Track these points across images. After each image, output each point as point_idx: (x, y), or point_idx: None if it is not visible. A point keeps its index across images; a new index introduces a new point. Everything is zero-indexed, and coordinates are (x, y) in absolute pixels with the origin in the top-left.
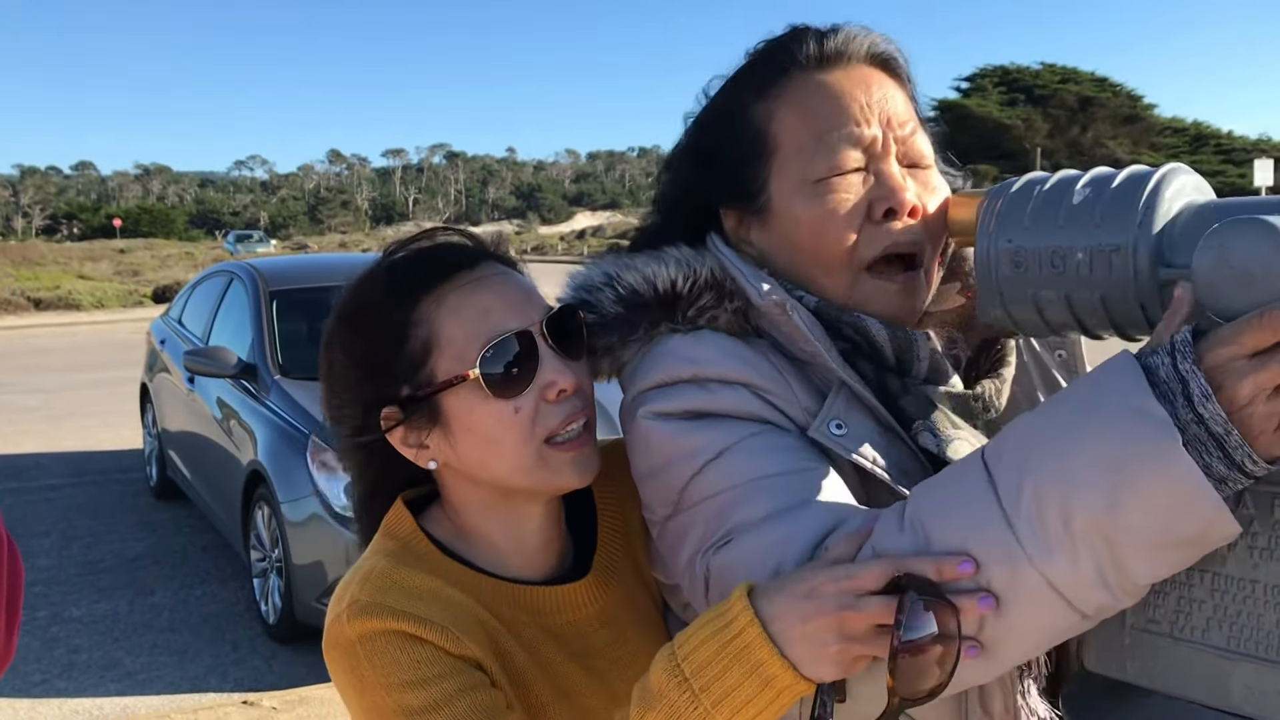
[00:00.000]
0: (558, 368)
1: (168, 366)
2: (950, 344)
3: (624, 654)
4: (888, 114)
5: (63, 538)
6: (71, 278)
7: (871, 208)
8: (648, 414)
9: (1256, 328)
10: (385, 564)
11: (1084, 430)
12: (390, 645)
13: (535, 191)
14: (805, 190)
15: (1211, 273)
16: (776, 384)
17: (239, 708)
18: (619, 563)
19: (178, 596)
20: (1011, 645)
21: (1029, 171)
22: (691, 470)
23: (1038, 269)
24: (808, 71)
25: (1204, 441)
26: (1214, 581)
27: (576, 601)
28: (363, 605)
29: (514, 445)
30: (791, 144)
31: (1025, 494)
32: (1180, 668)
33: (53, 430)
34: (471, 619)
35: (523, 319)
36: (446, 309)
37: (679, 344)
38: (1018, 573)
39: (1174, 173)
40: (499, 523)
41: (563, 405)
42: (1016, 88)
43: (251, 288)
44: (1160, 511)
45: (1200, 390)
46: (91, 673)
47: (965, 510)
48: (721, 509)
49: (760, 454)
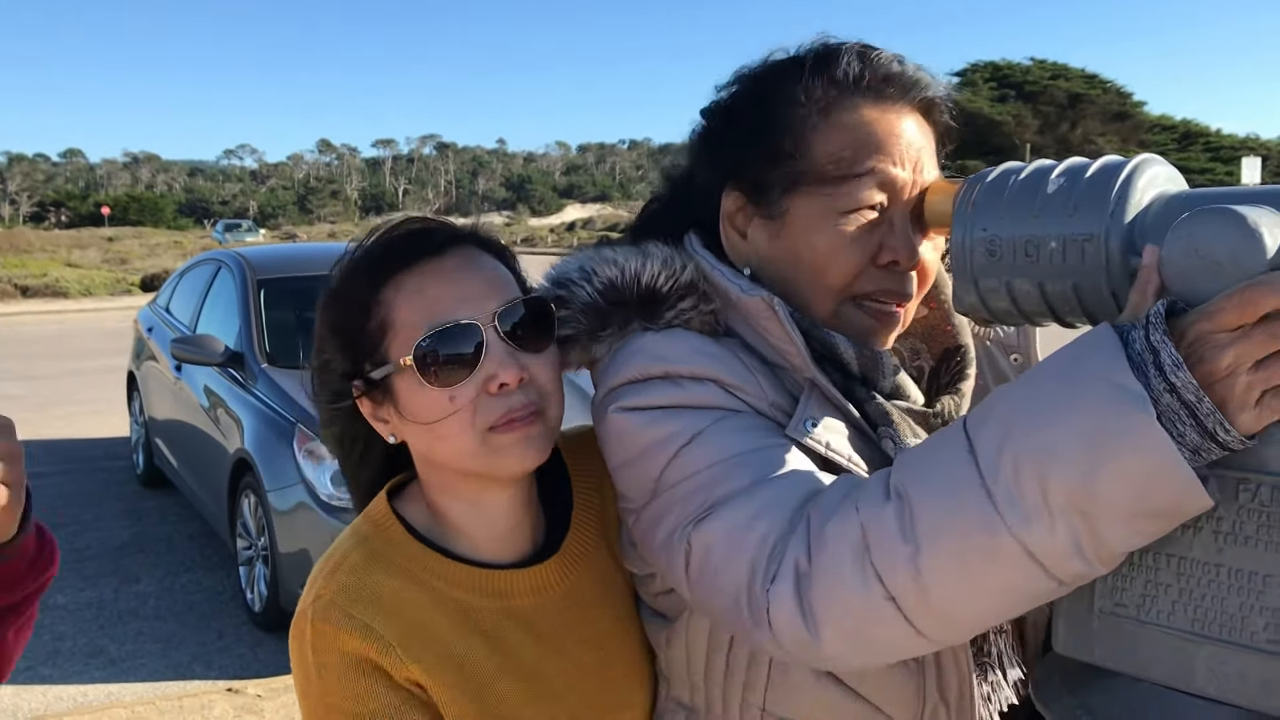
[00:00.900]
0: (503, 361)
1: (155, 355)
2: (914, 354)
3: (591, 634)
4: (921, 162)
5: (48, 525)
6: (59, 265)
7: (880, 254)
8: (620, 409)
9: (1237, 305)
10: (356, 558)
11: (1062, 403)
12: (337, 668)
13: (525, 183)
14: (829, 219)
15: (1181, 260)
16: (745, 380)
17: (224, 695)
18: (592, 545)
19: (163, 584)
20: (987, 608)
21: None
22: (667, 455)
23: (1012, 257)
24: (862, 96)
25: (1177, 411)
26: (1179, 566)
27: (543, 583)
28: (325, 604)
29: (453, 433)
30: (828, 163)
31: (1004, 465)
32: (1146, 650)
33: (39, 418)
34: (425, 629)
35: (473, 309)
36: (403, 294)
37: (651, 341)
38: (996, 539)
39: (1146, 163)
40: (464, 504)
41: (507, 398)
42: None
43: (239, 276)
44: (1135, 484)
45: (1171, 359)
46: (76, 660)
47: (946, 478)
48: (699, 487)
49: (733, 433)
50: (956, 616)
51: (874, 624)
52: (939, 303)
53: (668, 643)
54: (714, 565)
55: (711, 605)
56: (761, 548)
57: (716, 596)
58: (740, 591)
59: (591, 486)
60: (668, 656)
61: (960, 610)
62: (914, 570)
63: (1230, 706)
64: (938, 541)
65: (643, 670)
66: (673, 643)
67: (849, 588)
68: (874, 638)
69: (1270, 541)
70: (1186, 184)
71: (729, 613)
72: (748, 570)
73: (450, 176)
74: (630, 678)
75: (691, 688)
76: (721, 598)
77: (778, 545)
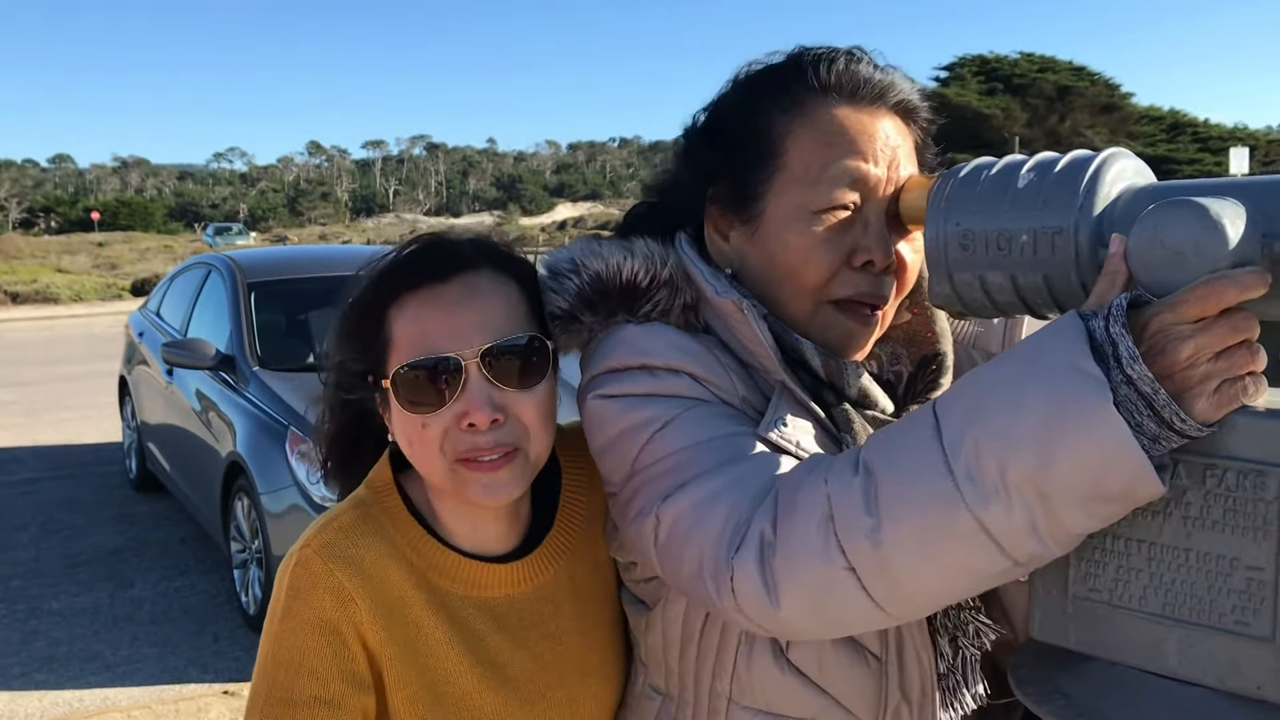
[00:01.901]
0: (479, 401)
1: (146, 359)
2: (893, 359)
3: (556, 628)
4: (897, 160)
5: (41, 531)
6: (49, 271)
7: (853, 255)
8: (598, 396)
9: (1198, 298)
10: (347, 518)
11: (1023, 385)
12: (299, 616)
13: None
14: (801, 218)
15: (1146, 252)
16: (718, 375)
17: (220, 698)
18: (574, 543)
19: (158, 588)
20: (944, 584)
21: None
22: (642, 440)
23: (984, 251)
24: (837, 101)
25: (1134, 401)
26: (1150, 551)
27: (518, 578)
28: (309, 554)
29: (424, 456)
30: (800, 165)
31: (966, 444)
32: (1120, 634)
33: (31, 424)
34: (397, 601)
35: (458, 344)
36: (404, 317)
37: (632, 334)
38: (954, 516)
39: (1114, 157)
40: (451, 505)
41: (477, 435)
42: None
43: (230, 280)
44: (1090, 468)
45: (1128, 352)
46: (72, 665)
47: (911, 456)
48: (671, 468)
49: (705, 420)
50: (914, 591)
51: (834, 595)
52: (922, 309)
53: (646, 629)
54: (681, 535)
55: (678, 574)
56: (728, 519)
57: (683, 565)
58: (705, 560)
59: (582, 481)
60: (646, 643)
61: (918, 585)
62: (874, 543)
63: (1200, 687)
64: (898, 516)
65: (606, 664)
66: (651, 630)
67: (811, 557)
68: (833, 608)
69: (1237, 525)
70: (1155, 177)
71: (693, 581)
72: (712, 540)
73: (441, 177)
74: (589, 674)
75: (666, 673)
76: (687, 566)
77: (743, 516)
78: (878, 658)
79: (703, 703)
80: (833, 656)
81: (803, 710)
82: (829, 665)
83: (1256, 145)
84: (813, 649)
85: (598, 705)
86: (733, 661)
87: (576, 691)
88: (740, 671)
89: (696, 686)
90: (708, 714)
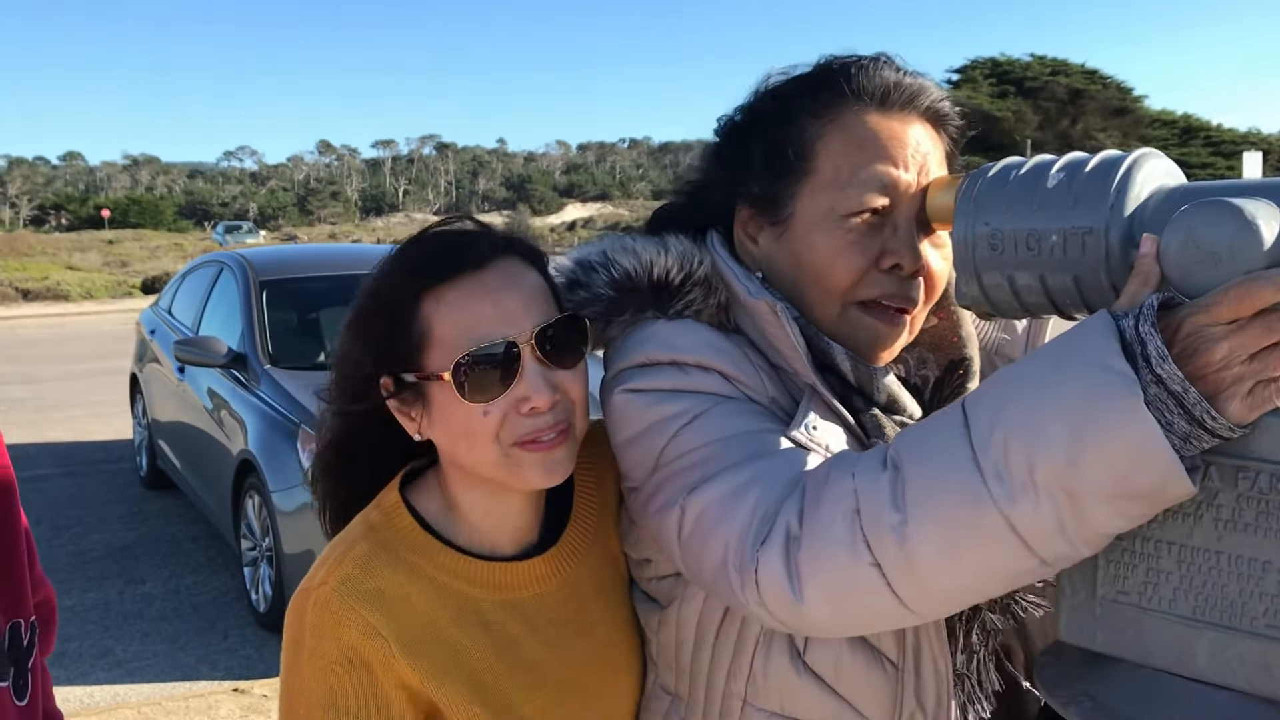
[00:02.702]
0: (537, 384)
1: (158, 356)
2: (920, 364)
3: (584, 624)
4: (927, 167)
5: (52, 527)
6: (60, 269)
7: (882, 258)
8: (625, 390)
9: (1233, 299)
10: (362, 549)
11: (1053, 383)
12: (326, 656)
13: (525, 183)
14: (830, 221)
15: (1179, 254)
16: (749, 375)
17: (230, 695)
18: (590, 537)
19: (168, 586)
20: (969, 582)
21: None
22: (668, 434)
23: (1013, 250)
24: (868, 107)
25: (1164, 400)
26: (1180, 553)
27: (542, 575)
28: (328, 592)
29: (481, 443)
30: (830, 170)
31: (995, 441)
32: (1148, 637)
33: (41, 421)
34: (426, 624)
35: (512, 328)
36: (444, 308)
37: (662, 330)
38: (981, 513)
39: (1145, 157)
40: (480, 500)
41: (536, 419)
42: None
43: (242, 278)
44: (1119, 466)
45: (1157, 351)
46: (83, 661)
47: (939, 452)
48: (697, 462)
49: (733, 416)
50: (939, 589)
51: (858, 590)
52: (948, 314)
53: (659, 628)
54: (705, 527)
55: (701, 568)
56: (754, 511)
57: (706, 558)
58: (729, 552)
59: (592, 479)
60: (658, 642)
61: (942, 582)
62: (900, 538)
63: (1229, 690)
64: (925, 512)
65: (632, 661)
66: (663, 628)
67: (837, 552)
68: (857, 604)
69: (1269, 528)
70: (1185, 178)
71: (716, 574)
72: (738, 532)
73: (450, 177)
74: (619, 669)
75: (677, 674)
76: (710, 559)
77: (770, 509)
78: (894, 664)
79: (714, 704)
80: (850, 660)
81: (818, 714)
82: (846, 669)
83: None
84: (830, 652)
85: (628, 701)
86: (749, 662)
87: (608, 688)
88: (756, 672)
89: (709, 687)
90: (719, 715)
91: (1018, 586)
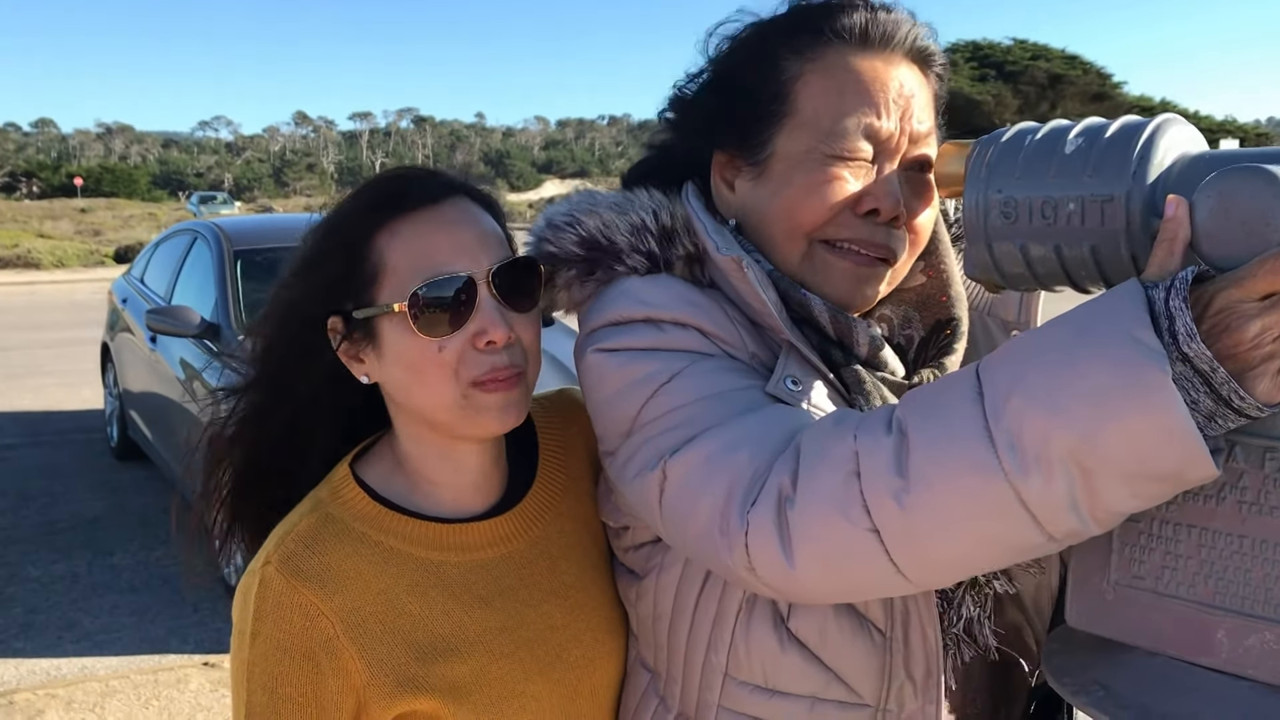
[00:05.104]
0: (493, 319)
1: (129, 326)
2: (905, 323)
3: (558, 585)
4: (910, 111)
5: (19, 498)
6: (31, 236)
7: (859, 201)
8: (599, 350)
9: (1269, 272)
10: (305, 525)
11: (1076, 352)
12: (270, 639)
13: (504, 158)
14: (812, 160)
15: (1209, 221)
16: (727, 331)
17: (199, 669)
18: (557, 498)
19: (138, 558)
20: (971, 555)
21: None
22: (645, 394)
23: (1028, 219)
24: (848, 46)
25: (1190, 379)
26: (1200, 536)
27: (506, 534)
28: (271, 572)
29: (436, 382)
30: (810, 112)
31: (1010, 410)
32: (1164, 624)
33: (9, 389)
34: (374, 597)
35: (469, 263)
36: (399, 239)
37: (635, 286)
38: (990, 484)
39: (1169, 123)
40: (435, 456)
41: (492, 355)
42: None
43: (215, 247)
44: (1140, 444)
45: (1185, 329)
46: (49, 633)
47: (949, 418)
48: (680, 422)
49: (713, 373)
50: (939, 559)
51: (854, 556)
52: (938, 271)
53: (637, 600)
54: (691, 490)
55: (684, 532)
56: (744, 471)
57: (691, 522)
58: (716, 514)
59: (557, 440)
60: (637, 615)
61: (944, 554)
62: (902, 505)
63: (1249, 681)
64: (930, 480)
65: (617, 625)
66: (641, 600)
67: (833, 515)
68: (851, 570)
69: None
70: (1208, 146)
71: (701, 539)
72: (725, 493)
73: (428, 150)
74: (601, 630)
75: (656, 649)
76: (695, 523)
77: (760, 469)
78: (882, 632)
79: (694, 679)
80: (835, 628)
81: (802, 686)
82: (831, 637)
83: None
84: (815, 619)
85: (615, 665)
86: (730, 632)
87: (592, 651)
88: (738, 642)
89: (688, 661)
90: (699, 690)
91: (1021, 560)
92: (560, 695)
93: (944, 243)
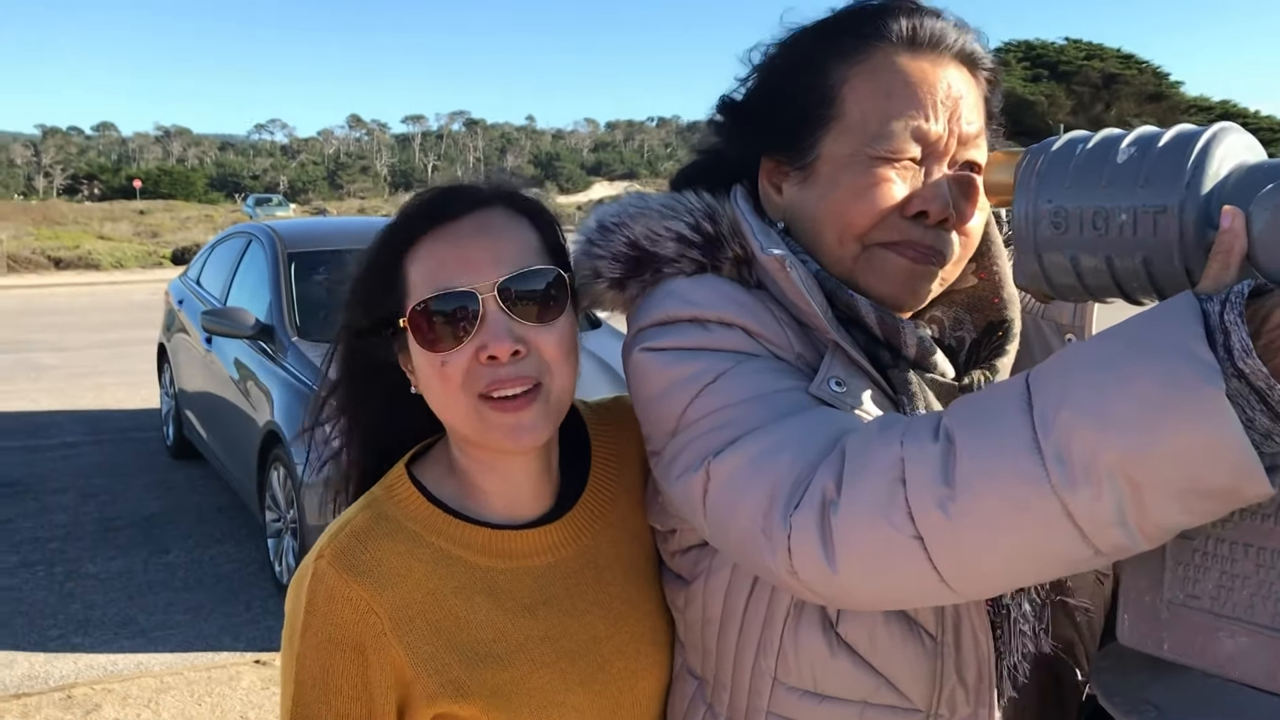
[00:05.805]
0: (495, 333)
1: (185, 327)
2: (956, 324)
3: (604, 596)
4: (959, 113)
5: (79, 495)
6: (91, 238)
7: (908, 203)
8: (645, 349)
9: None
10: (360, 521)
11: (1128, 365)
12: (320, 633)
13: (553, 160)
14: (859, 162)
15: (1267, 233)
16: (773, 332)
17: (251, 667)
18: (607, 507)
19: (192, 555)
20: (1016, 566)
21: None
22: (690, 393)
23: (1079, 230)
24: (895, 49)
25: (1245, 395)
26: (1259, 556)
27: (555, 543)
28: (324, 566)
29: (445, 395)
30: (857, 116)
31: (1059, 421)
32: (1221, 645)
33: (71, 389)
34: (424, 595)
35: (474, 277)
36: (416, 259)
37: (681, 286)
38: (1037, 496)
39: (1224, 131)
40: (482, 466)
41: (497, 369)
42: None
43: (270, 249)
44: (1191, 460)
45: (1241, 344)
46: (107, 629)
47: (997, 427)
48: (724, 423)
49: (759, 374)
50: (983, 570)
51: (897, 562)
52: (990, 273)
53: (685, 606)
54: (734, 491)
55: (727, 535)
56: (788, 473)
57: (733, 524)
58: (759, 516)
59: (613, 451)
60: (684, 620)
61: (988, 565)
62: (947, 514)
63: None
64: (976, 489)
65: (661, 636)
66: (690, 606)
67: (877, 520)
68: (894, 577)
69: None
70: (1266, 154)
71: (744, 542)
72: (768, 495)
73: (479, 153)
74: (644, 642)
75: (704, 654)
76: (738, 525)
77: (804, 472)
78: (933, 637)
79: (743, 684)
80: (885, 632)
81: (852, 691)
82: (881, 642)
83: None
84: (864, 623)
85: (658, 678)
86: (779, 636)
87: (634, 663)
88: (786, 646)
89: (737, 666)
90: (748, 696)
91: (1068, 574)
92: (602, 707)
93: (996, 244)
